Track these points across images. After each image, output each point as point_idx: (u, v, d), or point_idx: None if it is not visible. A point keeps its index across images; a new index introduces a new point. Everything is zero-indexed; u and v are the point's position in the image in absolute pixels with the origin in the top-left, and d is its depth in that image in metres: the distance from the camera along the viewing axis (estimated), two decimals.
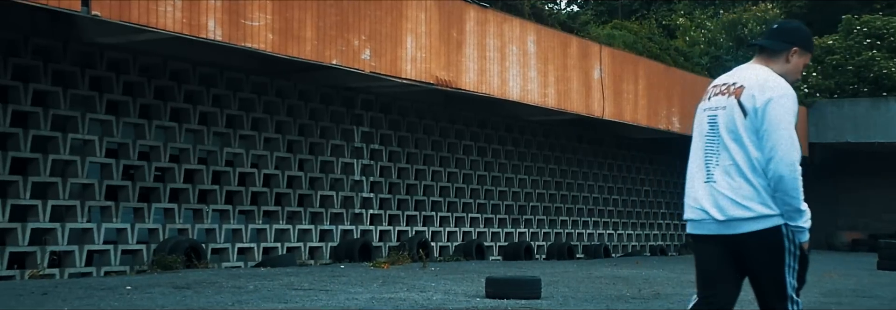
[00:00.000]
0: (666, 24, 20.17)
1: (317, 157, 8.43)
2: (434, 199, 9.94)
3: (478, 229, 10.65)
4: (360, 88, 8.43)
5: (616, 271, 9.07)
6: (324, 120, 8.52)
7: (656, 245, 13.98)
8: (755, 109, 2.40)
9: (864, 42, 18.07)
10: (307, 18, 6.64)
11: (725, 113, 2.43)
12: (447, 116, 10.25)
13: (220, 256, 7.70)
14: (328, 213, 8.50)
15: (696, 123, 2.55)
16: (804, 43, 2.61)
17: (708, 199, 2.44)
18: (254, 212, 7.97)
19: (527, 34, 9.50)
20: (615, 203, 13.28)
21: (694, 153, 2.54)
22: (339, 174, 8.61)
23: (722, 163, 2.44)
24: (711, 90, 2.54)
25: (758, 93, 2.41)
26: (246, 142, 7.91)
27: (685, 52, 13.99)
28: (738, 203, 2.39)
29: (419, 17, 7.77)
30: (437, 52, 8.13)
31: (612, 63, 10.92)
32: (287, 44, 6.54)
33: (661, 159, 14.42)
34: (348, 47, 7.00)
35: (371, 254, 8.52)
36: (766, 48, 2.56)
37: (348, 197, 8.71)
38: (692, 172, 2.52)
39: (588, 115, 10.39)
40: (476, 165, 10.72)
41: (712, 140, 2.46)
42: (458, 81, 8.47)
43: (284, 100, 8.17)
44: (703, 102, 2.54)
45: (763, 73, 2.49)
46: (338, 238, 8.55)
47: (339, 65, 6.93)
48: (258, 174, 8.00)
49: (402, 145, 9.50)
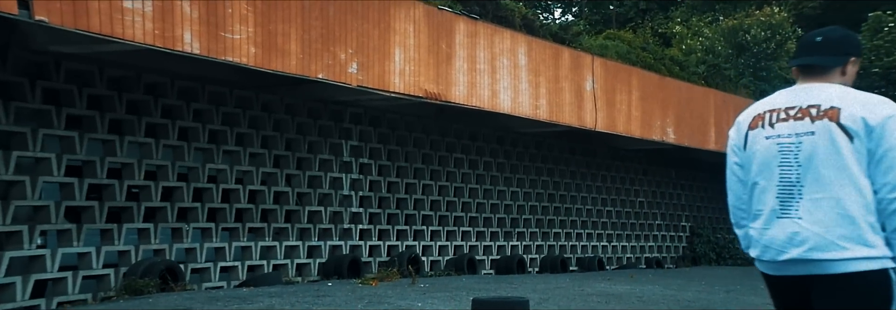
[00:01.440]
0: (662, 32, 20.25)
1: (304, 172, 8.47)
2: (425, 213, 9.98)
3: (469, 243, 10.69)
4: (349, 101, 8.48)
5: (610, 286, 9.09)
6: (312, 134, 8.56)
7: (652, 257, 14.03)
8: (869, 130, 2.09)
9: None
10: (291, 32, 6.64)
11: (816, 139, 2.13)
12: (438, 129, 10.30)
13: (200, 275, 7.57)
14: (316, 228, 8.54)
15: (755, 152, 2.25)
16: (859, 50, 2.38)
17: (788, 236, 2.14)
18: (238, 229, 7.90)
19: (518, 46, 9.57)
20: (609, 215, 13.33)
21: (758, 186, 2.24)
22: (327, 189, 8.66)
23: (809, 195, 2.13)
24: (768, 116, 2.26)
25: (866, 112, 2.11)
26: (230, 157, 7.87)
27: (680, 62, 14.06)
28: (833, 243, 2.08)
29: (407, 30, 7.83)
30: (426, 65, 8.19)
31: (605, 74, 11.00)
32: (270, 57, 6.52)
33: (655, 170, 14.48)
34: (335, 61, 7.04)
35: (360, 270, 8.57)
36: (815, 66, 2.28)
37: (337, 212, 8.77)
38: (759, 205, 2.24)
39: (580, 126, 10.45)
40: (467, 178, 10.77)
41: (790, 170, 2.17)
42: (447, 94, 8.52)
43: (271, 114, 8.18)
44: (758, 130, 2.26)
45: (850, 91, 2.22)
46: (326, 254, 8.58)
47: (325, 79, 6.96)
48: (243, 190, 7.94)
49: (392, 159, 9.55)
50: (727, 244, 15.42)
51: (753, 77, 15.35)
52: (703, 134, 12.94)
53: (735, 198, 2.39)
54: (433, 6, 8.26)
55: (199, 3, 6.01)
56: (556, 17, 26.61)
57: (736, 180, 2.37)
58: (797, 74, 2.35)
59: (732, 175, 2.38)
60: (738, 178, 2.36)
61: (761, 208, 2.24)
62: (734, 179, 2.38)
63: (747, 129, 2.31)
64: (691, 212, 15.34)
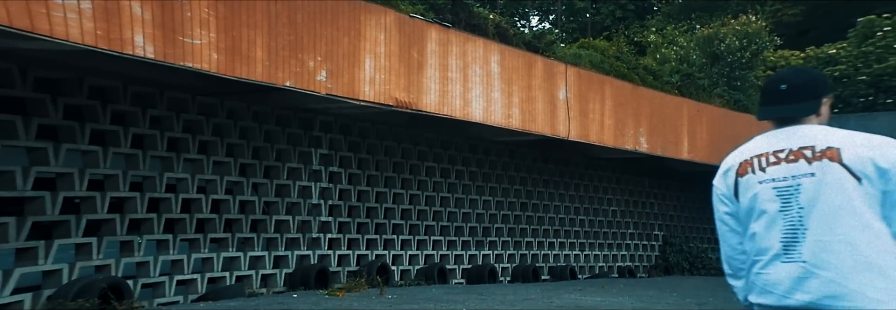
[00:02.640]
0: (638, 41, 20.45)
1: (272, 180, 8.42)
2: (395, 221, 9.99)
3: (440, 252, 10.71)
4: (319, 109, 8.49)
5: (580, 297, 9.14)
6: (280, 142, 8.52)
7: (624, 266, 14.14)
8: (882, 171, 2.02)
9: (894, 46, 16.66)
10: (257, 38, 6.55)
11: (817, 180, 2.07)
12: (409, 138, 10.32)
13: (153, 291, 7.21)
14: (283, 238, 8.49)
15: (750, 198, 2.17)
16: (828, 87, 2.31)
17: (795, 281, 2.05)
18: (199, 240, 7.68)
19: (490, 54, 9.63)
20: (582, 224, 13.43)
21: (757, 233, 2.16)
22: (295, 198, 8.63)
23: (815, 237, 2.05)
24: (757, 161, 2.20)
25: (874, 153, 2.04)
26: (192, 166, 7.76)
27: (654, 71, 14.20)
28: (859, 292, 1.96)
29: (378, 38, 7.85)
30: (397, 74, 8.20)
31: (578, 83, 11.09)
32: (234, 64, 6.38)
33: (628, 179, 14.62)
34: (303, 69, 7.01)
35: (328, 280, 8.55)
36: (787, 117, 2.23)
37: (306, 221, 8.75)
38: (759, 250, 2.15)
39: (553, 135, 10.52)
40: (439, 186, 10.79)
41: (791, 214, 2.08)
42: (418, 103, 8.54)
43: (237, 121, 8.09)
44: (749, 176, 2.19)
45: (844, 131, 2.15)
46: (293, 264, 8.54)
47: (293, 87, 6.92)
48: (205, 200, 7.75)
49: (363, 168, 9.55)
50: (700, 254, 15.59)
51: (727, 86, 15.55)
52: (677, 143, 13.09)
53: (729, 248, 2.32)
54: (405, 14, 8.28)
55: (152, 5, 5.70)
56: (533, 24, 26.79)
57: (728, 230, 2.30)
58: (770, 123, 2.31)
59: (724, 225, 2.31)
60: (731, 228, 2.29)
61: (763, 254, 2.15)
62: (726, 229, 2.30)
63: (736, 176, 2.24)
64: (664, 221, 15.50)
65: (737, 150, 2.34)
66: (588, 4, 24.45)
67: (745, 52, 15.74)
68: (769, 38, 16.28)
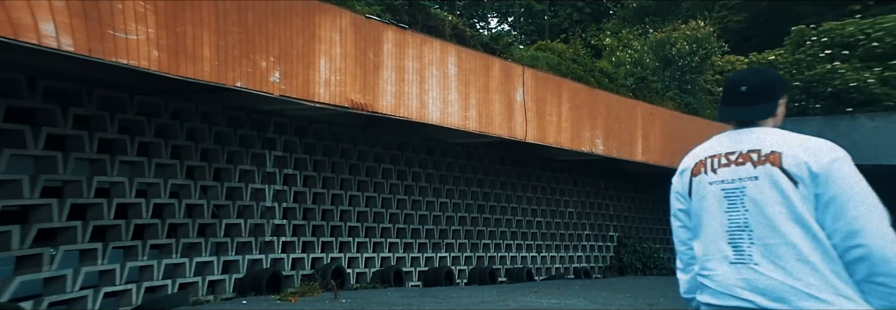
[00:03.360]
0: (594, 44, 20.65)
1: (223, 183, 8.14)
2: (351, 224, 9.85)
3: (397, 255, 10.59)
4: (273, 110, 8.29)
5: (536, 299, 9.13)
6: (232, 144, 8.26)
7: (580, 267, 14.21)
8: (814, 175, 2.04)
9: (821, 54, 17.24)
10: (204, 36, 6.21)
11: (759, 184, 2.11)
12: (366, 140, 10.19)
13: (68, 307, 6.44)
14: (234, 242, 8.23)
15: (701, 198, 2.23)
16: (784, 88, 2.36)
17: (746, 283, 2.08)
18: (137, 247, 7.13)
19: (447, 56, 9.55)
20: (539, 225, 13.44)
21: (704, 231, 2.21)
22: (248, 201, 8.39)
23: (761, 241, 2.08)
24: (710, 162, 2.24)
25: (808, 157, 2.07)
26: (130, 168, 7.21)
27: (610, 74, 14.32)
28: (807, 293, 1.99)
29: (334, 39, 7.70)
30: (353, 75, 8.07)
31: (536, 85, 11.09)
32: (178, 63, 5.99)
33: (585, 181, 14.70)
34: (255, 69, 6.76)
35: (281, 285, 8.33)
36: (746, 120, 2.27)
37: (258, 224, 8.51)
38: (707, 251, 2.19)
39: (510, 137, 10.49)
40: (395, 188, 10.68)
41: (738, 216, 2.13)
42: (374, 105, 8.42)
43: (183, 122, 7.72)
44: (702, 176, 2.24)
45: (790, 135, 2.19)
46: (244, 269, 8.27)
47: (244, 88, 6.66)
48: (146, 204, 7.24)
49: (318, 170, 9.39)
50: (653, 254, 15.77)
51: (679, 90, 15.77)
52: (631, 145, 13.20)
53: (680, 243, 2.38)
54: (361, 15, 8.15)
55: None
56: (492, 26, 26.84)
57: (680, 226, 2.36)
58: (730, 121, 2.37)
59: (677, 221, 2.37)
60: (683, 223, 2.35)
61: (712, 254, 2.19)
62: (678, 225, 2.37)
63: (691, 175, 2.30)
64: (619, 222, 15.64)
65: (695, 149, 2.37)
66: (546, 7, 24.61)
67: (695, 56, 15.98)
68: (717, 43, 16.58)
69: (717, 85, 18.17)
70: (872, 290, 1.98)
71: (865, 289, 1.99)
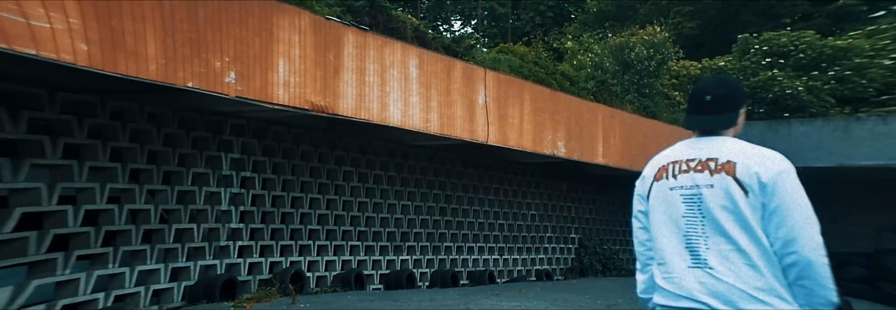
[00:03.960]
0: (556, 47, 20.74)
1: (173, 187, 7.73)
2: (312, 227, 9.66)
3: (358, 258, 10.43)
4: (230, 112, 8.03)
5: (497, 303, 9.05)
6: (184, 146, 7.89)
7: (542, 269, 14.19)
8: (762, 185, 2.16)
9: (763, 62, 17.92)
10: (147, 32, 5.77)
11: (715, 192, 2.20)
12: (327, 142, 10.01)
13: None
14: (185, 248, 7.83)
15: (660, 202, 2.32)
16: (745, 98, 2.46)
17: (702, 286, 2.18)
18: (56, 260, 6.25)
19: (409, 58, 9.44)
20: (501, 228, 13.39)
21: (662, 234, 2.29)
22: (202, 205, 8.06)
23: (716, 247, 2.18)
24: (671, 167, 2.32)
25: (759, 167, 2.18)
26: (52, 173, 6.49)
27: (571, 77, 14.35)
28: (749, 294, 2.12)
29: (292, 40, 7.52)
30: (313, 77, 7.90)
31: (497, 87, 11.04)
32: (116, 58, 5.48)
33: (546, 183, 14.70)
34: (208, 69, 6.43)
35: (236, 291, 8.04)
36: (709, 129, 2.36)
37: (213, 229, 8.20)
38: (666, 254, 2.27)
39: (472, 140, 10.42)
40: (357, 191, 10.53)
41: (694, 221, 2.23)
42: (335, 107, 8.26)
43: (126, 123, 7.16)
44: (663, 181, 2.33)
45: (745, 145, 2.29)
46: (195, 276, 7.89)
47: (196, 88, 6.32)
48: (74, 211, 6.53)
49: (278, 172, 9.18)
50: (613, 255, 15.84)
51: (637, 93, 15.90)
52: (592, 148, 13.24)
53: (639, 244, 2.46)
54: (321, 16, 7.99)
55: None
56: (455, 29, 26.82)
57: (640, 227, 2.45)
58: None
59: (638, 222, 2.46)
60: (643, 225, 2.44)
61: (669, 258, 2.27)
62: (638, 226, 2.45)
63: (653, 180, 2.39)
64: (580, 224, 15.67)
65: (660, 154, 2.47)
66: (509, 10, 24.66)
67: (652, 61, 16.15)
68: (673, 48, 16.84)
69: (673, 89, 18.41)
70: (798, 291, 2.16)
71: (793, 290, 2.17)
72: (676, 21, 22.48)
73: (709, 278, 2.18)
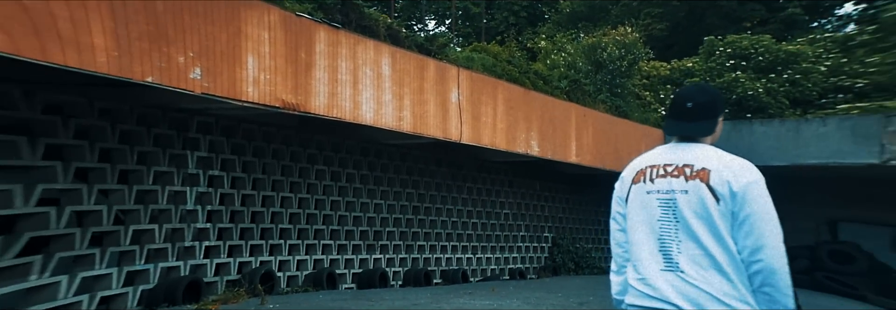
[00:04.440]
0: (530, 47, 20.71)
1: (131, 186, 7.22)
2: (283, 226, 9.47)
3: (330, 257, 10.27)
4: (196, 109, 7.78)
5: (469, 301, 8.95)
6: (143, 144, 7.45)
7: (515, 268, 14.12)
8: (733, 194, 2.22)
9: (727, 63, 18.33)
10: (91, 21, 5.31)
11: (689, 197, 2.26)
12: (299, 141, 9.83)
13: None
14: (144, 250, 7.36)
15: (638, 205, 2.36)
16: (724, 106, 2.52)
17: (673, 289, 2.23)
18: None
19: (381, 56, 9.30)
20: (474, 227, 13.30)
21: (638, 236, 2.34)
22: (164, 204, 7.68)
23: (687, 251, 2.24)
24: (649, 171, 2.37)
25: (731, 176, 2.24)
26: None
27: (544, 76, 14.31)
28: (717, 299, 2.19)
29: (262, 37, 7.34)
30: (284, 74, 7.72)
31: (471, 86, 10.93)
32: (49, 48, 4.92)
33: (520, 182, 14.64)
34: (170, 64, 6.09)
35: (201, 292, 7.71)
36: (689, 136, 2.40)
37: (177, 229, 7.87)
38: (641, 257, 2.31)
39: (445, 138, 10.30)
40: (329, 190, 10.36)
41: (669, 225, 2.28)
42: (306, 105, 8.09)
43: (68, 119, 6.57)
44: (640, 184, 2.37)
45: (722, 154, 2.34)
46: (155, 279, 7.44)
47: (156, 83, 5.93)
48: None
49: (248, 171, 8.97)
50: (585, 254, 15.82)
51: (610, 93, 15.92)
52: (565, 147, 13.20)
53: (617, 246, 2.49)
54: (291, 12, 7.82)
55: None
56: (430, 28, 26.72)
57: (618, 229, 2.48)
58: None
59: (616, 224, 2.48)
60: (621, 227, 2.47)
61: (643, 260, 2.32)
62: (617, 228, 2.48)
63: (631, 183, 2.43)
64: (553, 223, 15.63)
65: (639, 157, 2.51)
66: (483, 10, 24.61)
67: (624, 61, 16.20)
68: (643, 49, 16.94)
69: (643, 89, 18.49)
70: (761, 297, 2.24)
71: (756, 296, 2.25)
72: (646, 22, 22.63)
73: (680, 281, 2.23)
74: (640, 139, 15.42)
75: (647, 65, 19.10)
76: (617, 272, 2.50)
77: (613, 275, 2.52)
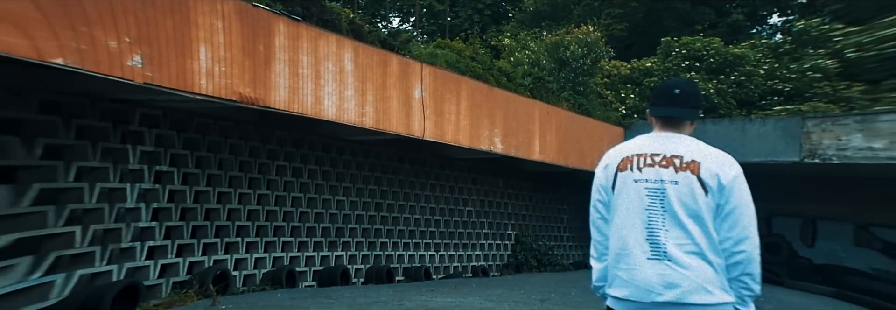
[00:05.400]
0: (494, 44, 20.52)
1: (31, 184, 6.02)
2: (241, 223, 9.03)
3: (291, 254, 9.87)
4: (140, 100, 7.04)
5: (431, 298, 8.68)
6: (60, 137, 6.41)
7: (478, 266, 13.86)
8: (721, 187, 2.25)
9: (682, 64, 18.75)
10: None
11: (679, 188, 2.25)
12: (259, 136, 9.41)
13: None
14: (51, 258, 6.14)
15: (624, 193, 2.32)
16: (702, 103, 2.45)
17: (659, 277, 2.23)
18: None
19: (344, 51, 8.94)
20: (437, 224, 13.01)
21: (623, 225, 2.30)
22: (93, 203, 6.67)
23: (675, 240, 2.24)
24: (636, 160, 2.34)
25: (719, 169, 2.27)
26: None
27: (508, 73, 14.09)
28: (703, 287, 2.21)
29: (215, 26, 6.90)
30: (241, 67, 7.30)
31: (434, 82, 10.64)
32: None
33: (483, 179, 14.40)
34: (97, 47, 5.34)
35: (140, 297, 6.73)
36: (675, 117, 2.40)
37: (111, 230, 6.94)
38: (626, 245, 2.28)
39: (408, 135, 9.99)
40: (290, 186, 9.96)
41: (657, 215, 2.26)
42: (266, 99, 7.69)
43: None
44: (627, 172, 2.33)
45: (705, 146, 2.36)
46: (70, 286, 6.29)
47: (72, 67, 5.10)
48: None
49: (203, 167, 8.47)
50: (547, 251, 15.64)
51: (573, 91, 15.79)
52: (529, 144, 12.99)
53: (598, 233, 2.44)
54: (247, 2, 7.42)
55: None
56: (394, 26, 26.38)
57: (599, 218, 2.43)
58: (655, 121, 2.45)
59: (597, 213, 2.43)
60: (602, 215, 2.42)
61: (629, 249, 2.29)
62: (598, 217, 2.43)
63: (616, 170, 2.38)
64: (516, 220, 15.41)
65: (620, 146, 2.45)
66: (447, 7, 24.36)
67: (586, 59, 16.12)
68: (605, 48, 16.93)
69: (605, 88, 18.47)
70: (737, 285, 2.27)
71: (732, 285, 2.27)
72: (607, 23, 22.68)
73: (666, 269, 2.22)
74: (603, 137, 15.30)
75: (609, 64, 19.10)
76: (598, 259, 2.46)
77: (594, 262, 2.47)
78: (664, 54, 19.32)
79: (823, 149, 13.20)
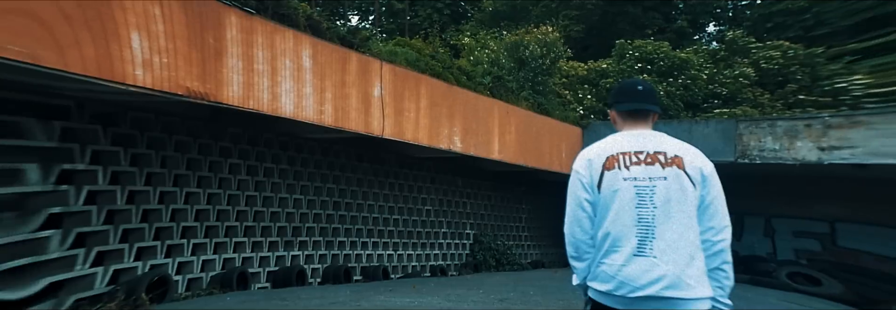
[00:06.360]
0: (454, 43, 20.16)
1: None
2: (187, 224, 8.35)
3: (243, 255, 9.26)
4: (50, 88, 6.11)
5: (389, 299, 8.23)
6: None
7: (436, 265, 13.42)
8: (704, 179, 2.26)
9: (635, 66, 18.84)
10: None
11: (668, 184, 2.23)
12: (210, 133, 8.78)
13: None
14: None
15: (612, 192, 2.24)
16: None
17: (645, 273, 2.19)
18: None
19: (302, 47, 8.39)
20: (396, 223, 12.53)
21: (611, 222, 2.23)
22: None
23: (664, 236, 2.21)
24: (622, 158, 2.28)
25: (700, 163, 2.29)
26: None
27: (468, 72, 13.71)
28: (684, 282, 2.19)
29: (152, 12, 6.23)
30: (188, 60, 6.69)
31: (394, 81, 10.17)
32: None
33: (442, 179, 13.98)
34: None
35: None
36: (646, 111, 2.37)
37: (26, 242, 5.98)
38: (615, 242, 2.22)
39: (367, 133, 9.49)
40: (244, 184, 9.36)
41: (646, 212, 2.23)
42: (217, 94, 7.07)
43: None
44: (615, 171, 2.27)
45: (679, 141, 2.35)
46: None
47: None
48: None
49: (140, 165, 7.62)
50: (506, 251, 15.29)
51: (532, 90, 15.52)
52: (488, 143, 12.63)
53: (581, 232, 2.35)
54: None
55: None
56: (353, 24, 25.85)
57: (584, 216, 2.34)
58: (620, 118, 2.40)
59: (581, 211, 2.33)
60: (588, 214, 2.34)
61: (618, 246, 2.24)
62: (583, 215, 2.34)
63: (603, 169, 2.32)
64: (475, 220, 15.00)
65: (597, 144, 2.38)
66: (407, 6, 23.94)
67: (545, 59, 15.89)
68: (563, 48, 16.78)
69: (563, 88, 18.31)
70: (717, 274, 2.24)
71: (713, 275, 2.25)
72: (565, 24, 22.60)
73: (652, 265, 2.19)
74: (562, 137, 15.03)
75: (566, 64, 18.97)
76: (579, 259, 2.38)
77: (576, 262, 2.39)
78: (619, 56, 19.31)
79: (751, 150, 13.88)
